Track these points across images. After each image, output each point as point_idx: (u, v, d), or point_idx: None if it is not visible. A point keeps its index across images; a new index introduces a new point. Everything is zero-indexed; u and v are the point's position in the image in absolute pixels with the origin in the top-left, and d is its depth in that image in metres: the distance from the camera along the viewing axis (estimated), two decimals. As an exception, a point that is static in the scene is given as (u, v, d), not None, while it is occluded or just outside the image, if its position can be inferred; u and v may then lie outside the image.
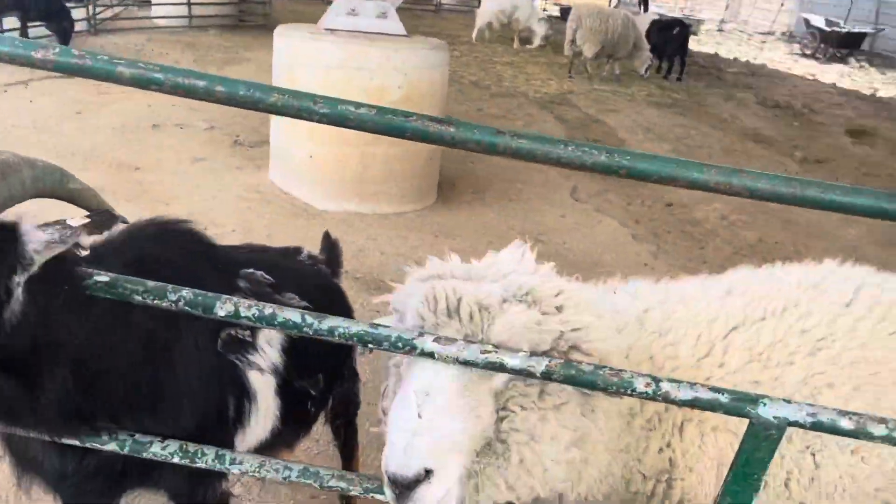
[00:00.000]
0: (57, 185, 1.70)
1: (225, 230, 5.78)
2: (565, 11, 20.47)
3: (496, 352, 1.42)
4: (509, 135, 1.28)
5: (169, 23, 14.16)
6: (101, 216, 1.64)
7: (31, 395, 1.52)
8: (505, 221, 7.03)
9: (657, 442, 1.83)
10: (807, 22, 23.72)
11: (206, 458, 1.65)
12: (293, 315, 1.44)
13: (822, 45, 22.65)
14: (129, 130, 7.98)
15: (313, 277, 2.65)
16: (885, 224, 6.87)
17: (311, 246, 5.81)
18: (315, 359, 2.43)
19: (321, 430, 3.11)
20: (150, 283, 1.47)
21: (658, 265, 6.49)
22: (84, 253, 1.62)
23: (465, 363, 1.43)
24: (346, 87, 6.15)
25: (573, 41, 14.44)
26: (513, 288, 1.68)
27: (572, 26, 14.44)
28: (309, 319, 1.44)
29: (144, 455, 1.66)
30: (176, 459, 1.65)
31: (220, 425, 2.08)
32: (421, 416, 1.46)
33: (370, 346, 1.45)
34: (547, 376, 1.41)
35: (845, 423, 1.35)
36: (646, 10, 20.03)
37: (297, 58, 6.43)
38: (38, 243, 1.44)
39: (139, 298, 1.46)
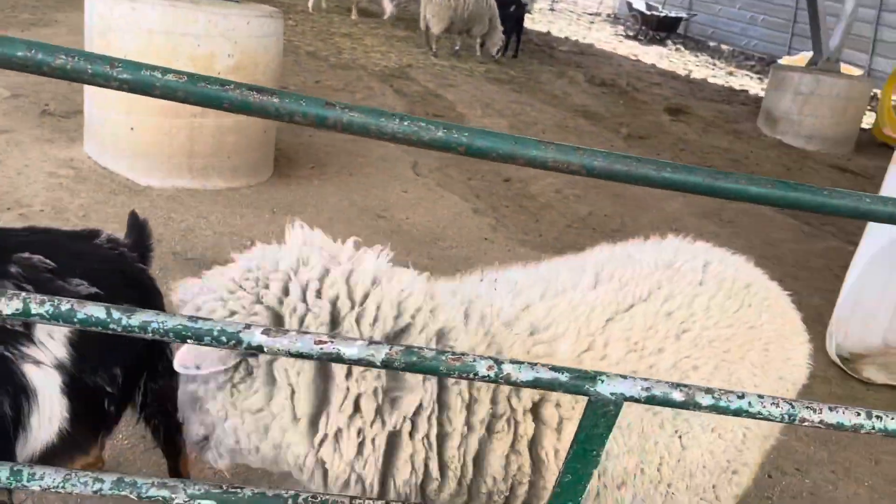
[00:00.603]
0: None
1: (31, 210, 5.22)
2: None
3: (332, 342, 1.32)
4: (340, 107, 1.17)
5: (-40, -25, 12.52)
6: None
7: None
8: (346, 197, 6.89)
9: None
10: (629, 5, 25.17)
11: (0, 474, 1.43)
12: (97, 311, 1.26)
13: (643, 28, 24.15)
14: None
15: (112, 262, 2.40)
16: (701, 198, 7.40)
17: (136, 226, 5.38)
18: (109, 352, 2.22)
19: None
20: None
21: (497, 238, 6.64)
22: None
23: (299, 355, 1.32)
24: (170, 55, 5.71)
25: (426, 16, 14.38)
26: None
27: (423, 1, 14.36)
28: (116, 315, 1.27)
29: (-82, 480, 1.41)
30: (-41, 481, 1.41)
31: None
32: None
33: (190, 341, 1.30)
34: (387, 364, 1.34)
35: (677, 395, 1.38)
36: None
37: (111, 21, 5.87)
38: None
39: None
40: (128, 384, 2.31)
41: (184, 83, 1.14)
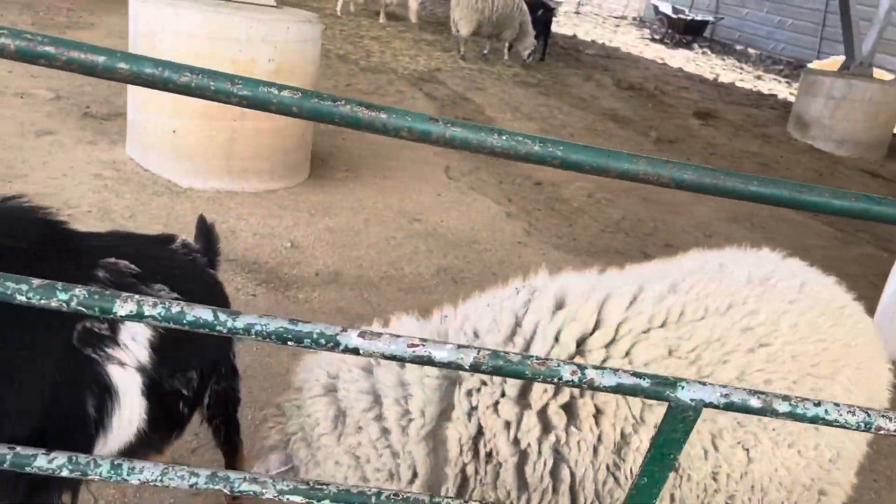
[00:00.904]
0: None
1: (79, 212, 5.35)
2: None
3: (423, 345, 1.38)
4: (443, 123, 1.23)
5: (0, -21, 12.79)
6: None
7: None
8: (381, 200, 6.96)
9: None
10: (655, 8, 25.08)
11: (101, 469, 1.50)
12: (204, 313, 1.33)
13: (670, 31, 24.04)
14: (-42, 99, 7.18)
15: (187, 267, 2.48)
16: (730, 202, 7.38)
17: (178, 227, 5.50)
18: (188, 356, 2.29)
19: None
20: (36, 281, 1.30)
21: (531, 242, 6.68)
22: None
23: (393, 358, 1.38)
24: (212, 59, 5.82)
25: (454, 19, 14.46)
26: None
27: (453, 5, 14.44)
28: (222, 317, 1.33)
29: (28, 470, 1.48)
30: (65, 473, 1.49)
31: (76, 427, 1.93)
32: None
33: (290, 343, 1.36)
34: (475, 368, 1.39)
35: (754, 402, 1.42)
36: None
37: (157, 24, 5.99)
38: None
39: (22, 298, 1.29)
40: (200, 387, 2.37)
41: (298, 99, 1.20)
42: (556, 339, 2.03)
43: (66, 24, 11.32)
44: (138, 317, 1.32)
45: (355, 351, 1.38)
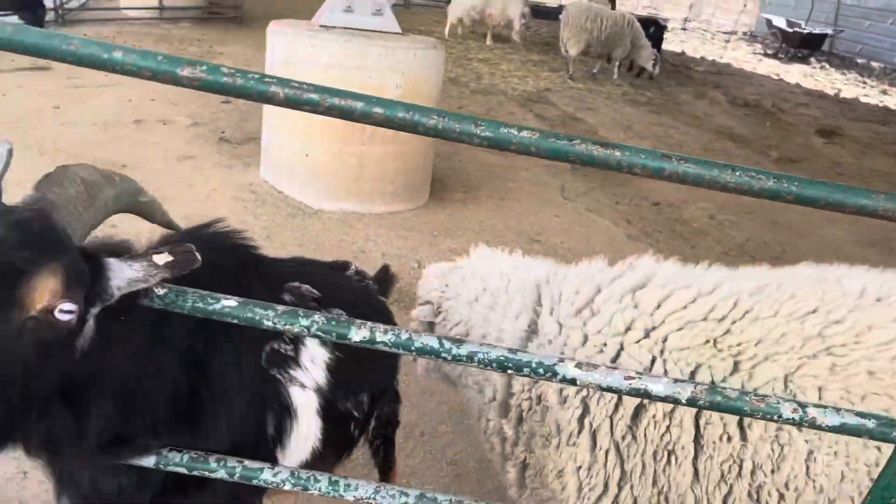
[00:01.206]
0: (132, 201, 1.62)
1: (224, 231, 5.65)
2: (536, 10, 20.54)
3: (640, 377, 1.40)
4: (675, 159, 1.25)
5: (139, 14, 13.78)
6: (184, 255, 1.50)
7: (78, 424, 1.45)
8: (501, 221, 7.02)
9: None
10: (769, 22, 24.23)
11: (320, 484, 1.59)
12: (430, 341, 1.40)
13: (784, 46, 23.16)
14: (111, 126, 7.75)
15: (360, 293, 2.59)
16: (866, 223, 7.01)
17: (312, 247, 5.73)
18: (361, 379, 2.37)
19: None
20: (280, 308, 1.41)
21: (654, 265, 6.55)
22: (161, 291, 1.53)
23: (609, 390, 1.40)
24: (343, 86, 6.00)
25: (563, 39, 14.51)
26: None
27: (562, 25, 14.50)
28: (447, 345, 1.40)
29: (254, 482, 1.59)
30: (288, 487, 1.59)
31: (260, 443, 2.02)
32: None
33: (510, 371, 1.41)
34: (692, 403, 1.40)
35: None
36: (613, 9, 20.21)
37: (293, 55, 6.30)
38: (122, 280, 1.36)
39: (269, 323, 1.40)
40: (370, 410, 2.46)
41: (536, 139, 1.25)
42: (610, 320, 2.19)
43: (197, 54, 12.04)
44: (370, 342, 1.40)
45: (572, 381, 1.41)
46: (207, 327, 1.62)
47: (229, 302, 1.40)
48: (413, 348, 1.40)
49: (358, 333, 1.40)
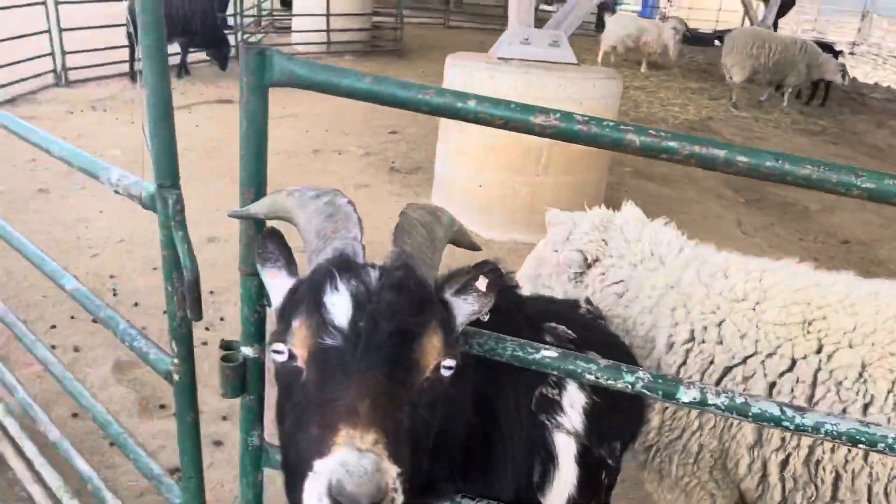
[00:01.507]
0: (450, 233, 1.63)
1: (404, 259, 5.76)
2: (691, 36, 19.94)
3: None
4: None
5: (308, 48, 14.59)
6: (492, 274, 1.49)
7: None
8: (676, 256, 6.74)
9: None
10: (953, 44, 22.24)
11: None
12: (770, 407, 1.28)
13: (972, 69, 21.14)
14: (292, 155, 8.17)
15: (602, 333, 2.50)
16: None
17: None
18: (615, 426, 2.27)
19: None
20: (603, 362, 1.34)
21: (850, 309, 6.04)
22: (482, 339, 1.50)
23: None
24: (523, 117, 6.05)
25: (726, 65, 13.97)
26: None
27: (725, 51, 13.97)
28: (789, 413, 1.28)
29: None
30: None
31: (528, 490, 1.95)
32: None
33: (861, 446, 1.27)
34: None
35: None
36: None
37: (471, 87, 6.38)
38: (463, 316, 1.35)
39: (591, 377, 1.33)
40: (621, 458, 2.36)
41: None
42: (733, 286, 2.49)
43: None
44: (701, 404, 1.30)
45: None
46: (492, 369, 1.60)
47: (549, 353, 1.35)
48: (750, 414, 1.29)
49: (687, 395, 1.30)
